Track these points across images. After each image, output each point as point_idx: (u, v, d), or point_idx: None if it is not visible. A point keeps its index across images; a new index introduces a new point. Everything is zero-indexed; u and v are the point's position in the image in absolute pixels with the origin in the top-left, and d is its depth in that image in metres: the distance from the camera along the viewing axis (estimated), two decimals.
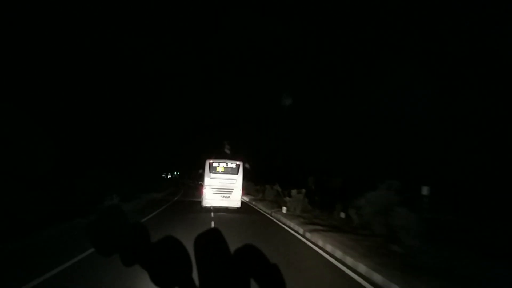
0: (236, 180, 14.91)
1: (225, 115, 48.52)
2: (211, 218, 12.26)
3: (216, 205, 14.60)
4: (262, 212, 16.06)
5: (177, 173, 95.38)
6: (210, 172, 14.90)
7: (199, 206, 15.27)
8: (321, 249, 7.61)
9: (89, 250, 5.97)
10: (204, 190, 14.79)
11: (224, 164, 15.23)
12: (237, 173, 15.04)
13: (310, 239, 8.66)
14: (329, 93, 22.62)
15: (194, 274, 0.44)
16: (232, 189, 14.75)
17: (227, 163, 15.25)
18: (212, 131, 44.70)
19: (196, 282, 0.45)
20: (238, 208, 14.94)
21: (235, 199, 14.79)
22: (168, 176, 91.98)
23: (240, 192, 15.12)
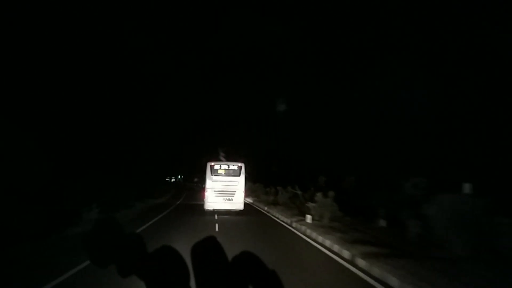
0: (238, 182, 14.46)
1: (225, 115, 47.23)
2: (216, 233, 9.24)
3: (218, 208, 14.16)
4: (279, 221, 12.97)
5: (181, 176, 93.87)
6: (212, 174, 14.48)
7: (198, 218, 12.87)
8: None
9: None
10: (206, 193, 14.38)
11: (226, 166, 14.81)
12: (239, 175, 14.57)
13: (371, 273, 5.57)
14: (329, 93, 22.08)
15: (192, 283, 0.43)
16: (235, 191, 14.33)
17: (228, 165, 14.84)
18: (212, 132, 44.21)
19: None
20: (240, 210, 14.48)
21: (238, 201, 14.34)
22: (172, 180, 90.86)
23: (243, 194, 14.64)
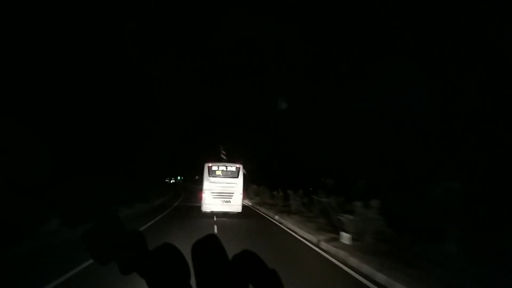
0: (236, 183, 14.25)
1: (225, 115, 48.59)
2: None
3: (216, 210, 13.96)
4: (299, 238, 9.57)
5: (181, 177, 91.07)
6: (210, 176, 14.20)
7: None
8: None
9: None
10: (204, 194, 14.08)
11: (224, 167, 14.56)
12: (237, 177, 14.36)
13: None
14: (329, 92, 22.37)
15: (192, 281, 0.44)
16: (233, 193, 14.13)
17: (226, 166, 14.60)
18: (212, 132, 44.62)
19: None
20: (239, 212, 14.18)
21: (236, 203, 14.13)
22: (171, 181, 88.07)
23: (241, 196, 14.44)
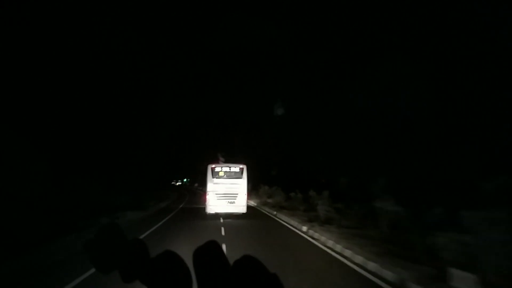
0: (240, 184, 14.15)
1: (227, 117, 46.34)
2: None
3: (220, 211, 13.83)
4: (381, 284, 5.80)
5: (187, 180, 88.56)
6: (213, 177, 14.16)
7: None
8: None
9: None
10: (208, 196, 14.02)
11: (227, 168, 14.52)
12: (241, 177, 14.30)
13: None
14: (328, 93, 22.33)
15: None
16: (237, 194, 13.98)
17: (230, 167, 14.55)
18: (213, 134, 43.78)
19: None
20: (243, 213, 14.01)
21: (240, 204, 13.96)
22: (178, 183, 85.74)
23: (245, 197, 14.26)
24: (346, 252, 7.13)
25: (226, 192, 13.90)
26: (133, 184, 20.57)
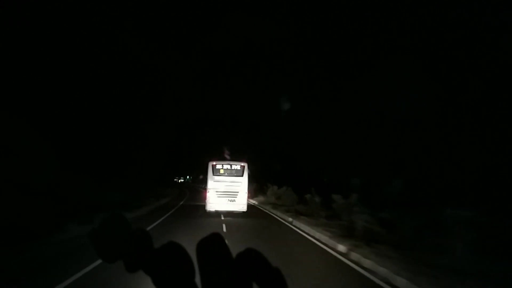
0: (241, 182, 14.03)
1: (231, 115, 47.94)
2: None
3: (220, 209, 13.79)
4: None
5: (189, 177, 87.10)
6: (214, 174, 14.03)
7: None
8: None
9: None
10: (208, 193, 13.93)
11: (228, 166, 14.38)
12: (242, 175, 14.14)
13: None
14: (330, 92, 21.87)
15: (197, 279, 0.44)
16: (238, 192, 13.86)
17: (231, 165, 14.41)
18: (217, 132, 43.17)
19: (199, 287, 0.45)
20: (243, 212, 13.83)
21: (241, 202, 13.84)
22: (180, 180, 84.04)
23: (246, 195, 14.18)
24: None
25: (227, 190, 13.80)
26: (129, 182, 19.97)
